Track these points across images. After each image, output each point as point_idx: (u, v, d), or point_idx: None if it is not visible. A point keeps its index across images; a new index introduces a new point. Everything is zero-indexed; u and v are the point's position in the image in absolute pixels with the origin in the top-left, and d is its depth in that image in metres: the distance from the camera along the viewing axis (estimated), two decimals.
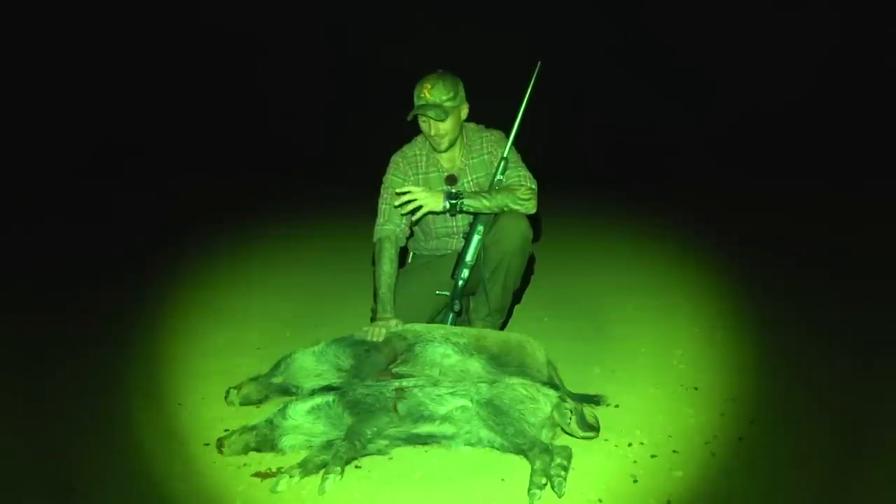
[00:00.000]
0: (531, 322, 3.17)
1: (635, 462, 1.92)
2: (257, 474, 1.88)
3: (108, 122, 8.61)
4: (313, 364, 2.32)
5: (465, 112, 2.59)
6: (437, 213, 2.54)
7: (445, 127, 2.52)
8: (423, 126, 2.57)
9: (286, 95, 9.91)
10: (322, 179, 7.62)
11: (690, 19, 9.46)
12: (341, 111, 9.58)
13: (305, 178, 7.68)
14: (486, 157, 2.67)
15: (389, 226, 2.62)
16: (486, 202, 2.49)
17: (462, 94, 2.55)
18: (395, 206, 2.52)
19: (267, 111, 9.58)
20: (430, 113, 2.47)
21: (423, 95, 2.49)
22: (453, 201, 2.46)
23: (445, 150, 2.61)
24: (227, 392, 2.32)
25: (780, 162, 7.42)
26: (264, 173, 7.93)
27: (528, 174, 2.60)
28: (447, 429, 1.97)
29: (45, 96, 8.31)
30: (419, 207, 2.46)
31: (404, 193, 2.46)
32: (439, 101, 2.47)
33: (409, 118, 2.54)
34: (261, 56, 10.12)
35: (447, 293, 2.60)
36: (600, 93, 9.36)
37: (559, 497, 1.73)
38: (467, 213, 2.53)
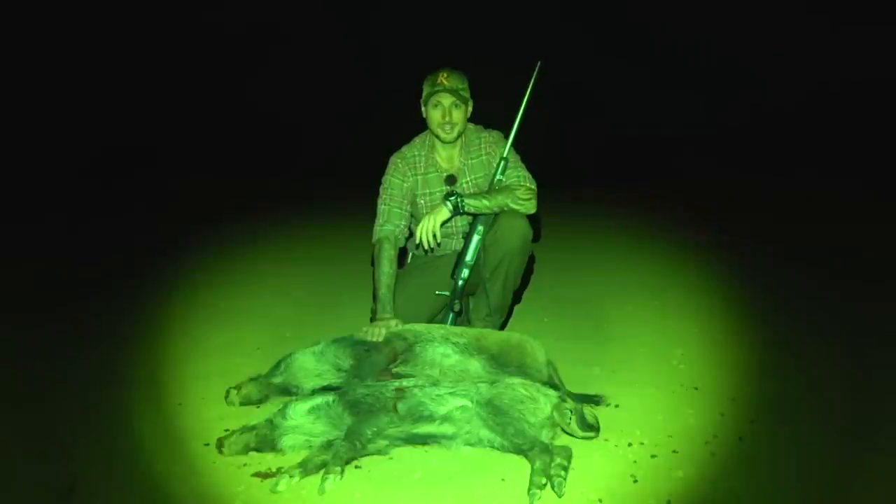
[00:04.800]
0: (531, 322, 3.16)
1: (635, 462, 1.92)
2: (257, 474, 1.89)
3: (109, 123, 8.61)
4: (313, 364, 2.32)
5: (470, 108, 2.62)
6: (449, 219, 2.54)
7: (459, 115, 2.54)
8: (436, 114, 2.55)
9: (286, 95, 9.91)
10: (322, 180, 7.62)
11: (690, 18, 9.46)
12: (341, 111, 9.58)
13: (306, 179, 7.67)
14: (484, 157, 2.67)
15: (388, 226, 2.62)
16: (486, 202, 2.49)
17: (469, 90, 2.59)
18: (427, 254, 2.55)
19: (267, 111, 9.57)
20: (450, 96, 2.49)
21: (440, 82, 2.50)
22: (452, 199, 2.46)
23: (453, 141, 2.61)
24: (227, 392, 2.33)
25: (781, 161, 7.41)
26: (264, 173, 7.92)
27: (528, 174, 2.60)
28: (447, 429, 1.97)
29: (47, 97, 8.31)
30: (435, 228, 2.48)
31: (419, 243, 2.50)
32: (456, 87, 2.50)
33: (424, 98, 2.53)
34: (260, 56, 10.11)
35: (447, 293, 2.61)
36: (599, 92, 9.35)
37: (559, 497, 1.73)
38: (469, 213, 2.54)
